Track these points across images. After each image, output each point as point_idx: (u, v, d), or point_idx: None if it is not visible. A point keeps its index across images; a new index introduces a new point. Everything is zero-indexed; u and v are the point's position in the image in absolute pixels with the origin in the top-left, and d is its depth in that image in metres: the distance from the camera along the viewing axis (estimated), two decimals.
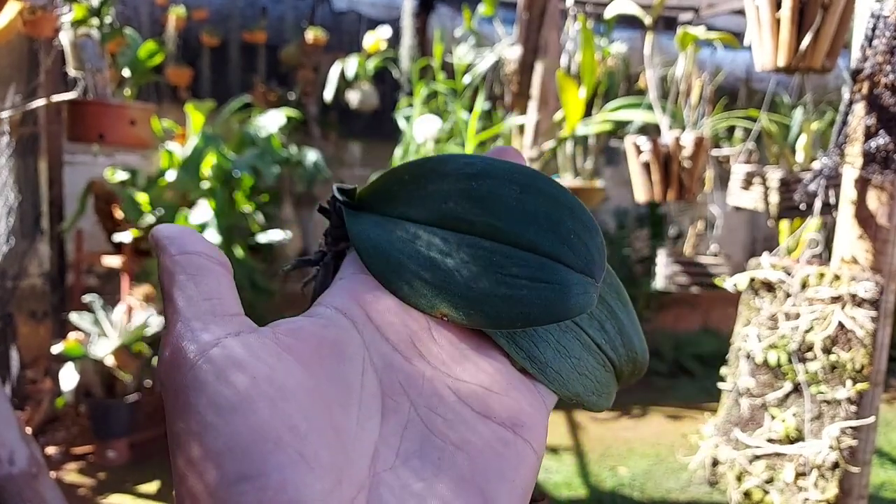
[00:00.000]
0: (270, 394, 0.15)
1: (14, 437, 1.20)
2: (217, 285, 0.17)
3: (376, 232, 0.21)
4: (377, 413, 0.17)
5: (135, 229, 2.22)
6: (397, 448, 0.16)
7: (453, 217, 0.20)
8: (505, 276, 0.19)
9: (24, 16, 1.79)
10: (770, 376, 1.03)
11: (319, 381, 0.16)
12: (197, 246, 0.18)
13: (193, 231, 0.18)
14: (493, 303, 0.19)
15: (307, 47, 3.00)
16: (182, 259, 0.17)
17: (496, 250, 0.20)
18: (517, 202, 0.20)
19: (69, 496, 1.78)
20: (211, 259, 0.18)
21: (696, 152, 1.35)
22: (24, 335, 2.49)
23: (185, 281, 0.17)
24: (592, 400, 0.22)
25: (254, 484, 0.14)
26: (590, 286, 0.20)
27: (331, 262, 0.23)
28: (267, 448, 0.14)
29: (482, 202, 0.20)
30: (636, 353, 0.24)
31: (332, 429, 0.15)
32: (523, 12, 1.84)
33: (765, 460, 1.02)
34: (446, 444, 0.17)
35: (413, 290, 0.19)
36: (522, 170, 0.21)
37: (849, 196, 0.96)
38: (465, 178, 0.21)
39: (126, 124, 1.84)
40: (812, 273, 0.99)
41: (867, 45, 0.91)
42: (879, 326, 0.93)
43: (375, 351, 0.18)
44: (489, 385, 0.18)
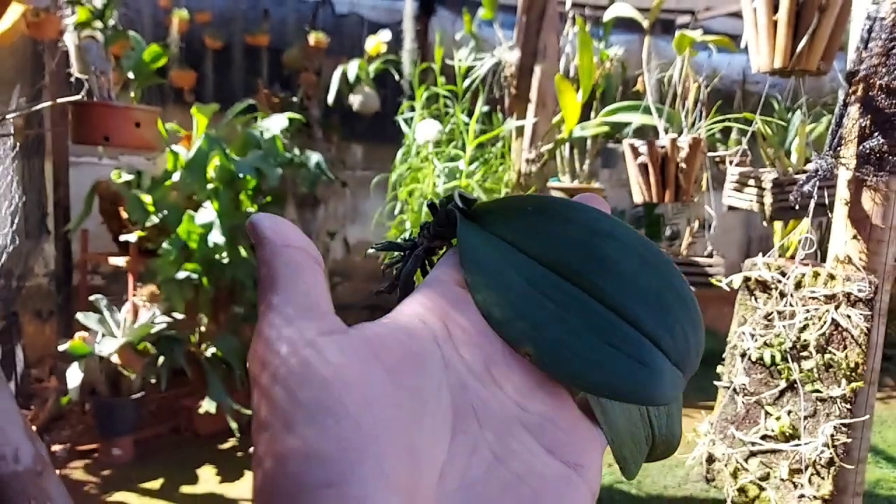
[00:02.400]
0: (359, 401, 0.14)
1: (19, 435, 1.21)
2: (314, 281, 0.17)
3: (485, 247, 0.21)
4: (448, 433, 0.16)
5: (140, 230, 2.24)
6: (463, 471, 0.16)
7: (568, 265, 0.20)
8: (601, 341, 0.19)
9: (28, 18, 1.81)
10: (765, 375, 1.05)
11: (401, 394, 0.16)
12: (298, 240, 0.17)
13: (292, 224, 0.18)
14: (582, 363, 0.19)
15: (309, 50, 3.02)
16: (284, 252, 0.17)
17: (600, 313, 0.19)
18: (633, 273, 0.20)
19: (74, 494, 1.79)
20: (308, 255, 0.17)
21: (692, 154, 1.37)
22: (30, 334, 2.51)
23: (285, 273, 0.16)
24: (630, 467, 0.22)
25: (336, 491, 0.13)
26: (679, 380, 0.20)
27: (422, 254, 0.23)
28: (352, 458, 0.14)
29: (601, 261, 0.20)
30: (673, 437, 0.24)
31: (409, 444, 0.15)
32: (522, 16, 1.86)
33: (760, 457, 1.03)
34: (511, 473, 0.17)
35: (506, 318, 0.19)
36: (647, 244, 0.20)
37: (843, 197, 0.97)
38: (590, 233, 0.20)
39: (131, 126, 1.86)
40: (807, 273, 1.00)
41: (863, 47, 0.92)
42: (873, 325, 0.94)
43: (452, 369, 0.17)
44: (556, 420, 0.18)
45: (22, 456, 1.19)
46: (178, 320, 2.15)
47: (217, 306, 2.38)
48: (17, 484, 1.18)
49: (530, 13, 1.83)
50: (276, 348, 0.15)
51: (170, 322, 2.09)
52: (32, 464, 1.20)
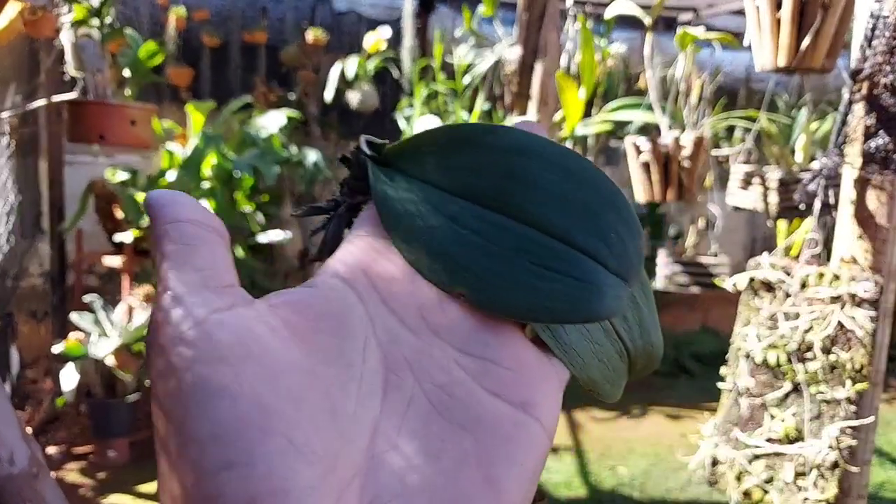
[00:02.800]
0: (261, 376, 0.14)
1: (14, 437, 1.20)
2: (210, 255, 0.16)
3: (401, 193, 0.20)
4: (379, 390, 0.16)
5: (135, 229, 2.22)
6: (399, 427, 0.16)
7: (488, 193, 0.19)
8: (535, 266, 0.18)
9: (24, 16, 1.79)
10: (769, 376, 1.03)
11: (316, 360, 0.15)
12: (191, 213, 0.16)
13: (187, 196, 0.17)
14: (518, 291, 0.18)
15: (307, 48, 3.00)
16: (173, 227, 0.16)
17: (529, 236, 0.19)
18: (559, 189, 0.19)
19: (70, 496, 1.78)
20: (204, 227, 0.16)
21: (695, 152, 1.36)
22: (25, 335, 2.49)
23: (175, 251, 0.16)
24: (606, 388, 0.21)
25: (239, 472, 0.13)
26: (622, 290, 0.19)
27: (345, 213, 0.22)
28: (254, 435, 0.13)
29: (522, 182, 0.19)
30: (652, 345, 0.23)
31: (328, 411, 0.14)
32: (523, 13, 1.84)
33: (764, 460, 1.02)
34: (452, 423, 0.16)
35: (433, 262, 0.18)
36: (571, 155, 0.19)
37: (848, 196, 0.96)
38: (506, 153, 0.19)
39: (126, 125, 1.85)
40: (811, 273, 0.99)
41: (867, 45, 0.91)
42: (879, 326, 0.93)
43: (380, 324, 0.17)
44: (501, 360, 0.17)
45: (17, 458, 1.18)
46: None
47: None
48: (12, 486, 1.17)
49: (531, 10, 1.82)
50: (167, 330, 0.14)
51: None
52: (27, 466, 1.19)
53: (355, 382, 0.15)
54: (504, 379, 0.17)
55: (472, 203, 0.19)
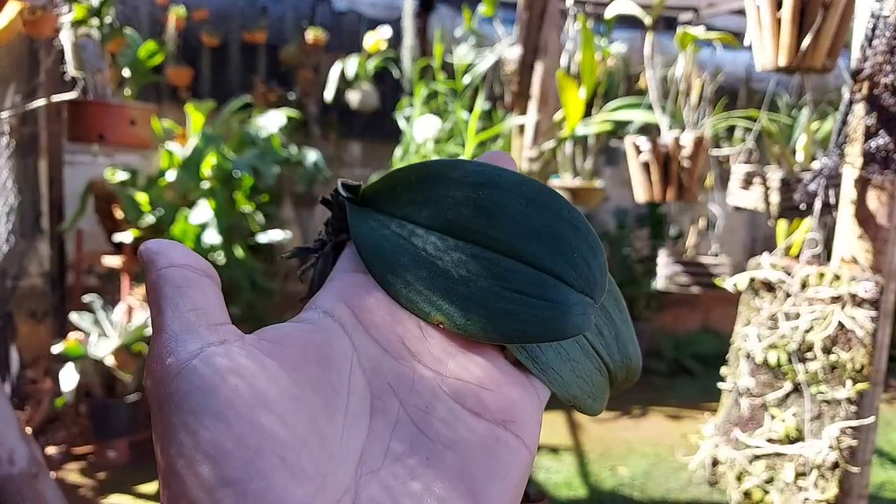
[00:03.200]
0: (252, 401, 0.15)
1: (14, 437, 1.20)
2: (202, 296, 0.17)
3: (378, 231, 0.21)
4: (365, 415, 0.17)
5: (135, 229, 2.22)
6: (385, 449, 0.16)
7: (459, 225, 0.20)
8: (505, 290, 0.19)
9: (24, 16, 1.79)
10: (770, 376, 1.03)
11: (304, 387, 0.16)
12: (182, 258, 0.18)
13: (178, 244, 0.18)
14: (492, 316, 0.19)
15: (307, 47, 3.00)
16: (167, 272, 0.17)
17: (499, 263, 0.20)
18: (522, 216, 0.20)
19: (69, 496, 1.77)
20: (196, 271, 0.18)
21: (695, 152, 1.35)
22: (24, 335, 2.49)
23: (170, 293, 0.17)
24: (588, 403, 0.22)
25: (234, 489, 0.14)
26: (589, 307, 0.20)
27: (330, 252, 0.23)
28: (248, 455, 0.14)
29: (488, 213, 0.20)
30: (630, 359, 0.24)
31: (316, 435, 0.15)
32: (523, 12, 1.84)
33: (765, 460, 1.02)
34: (436, 443, 0.17)
35: (411, 293, 0.19)
36: (529, 182, 0.21)
37: (849, 196, 0.96)
38: (472, 186, 0.21)
39: (126, 124, 1.84)
40: (812, 273, 0.99)
41: (867, 45, 0.91)
42: (879, 326, 0.92)
43: (364, 353, 0.18)
44: (481, 381, 0.18)
45: (17, 458, 1.17)
46: None
47: None
48: (12, 486, 1.17)
49: (531, 9, 1.82)
50: (165, 364, 0.16)
51: None
52: (27, 466, 1.18)
53: (342, 408, 0.16)
54: (485, 399, 0.18)
55: (445, 235, 0.20)
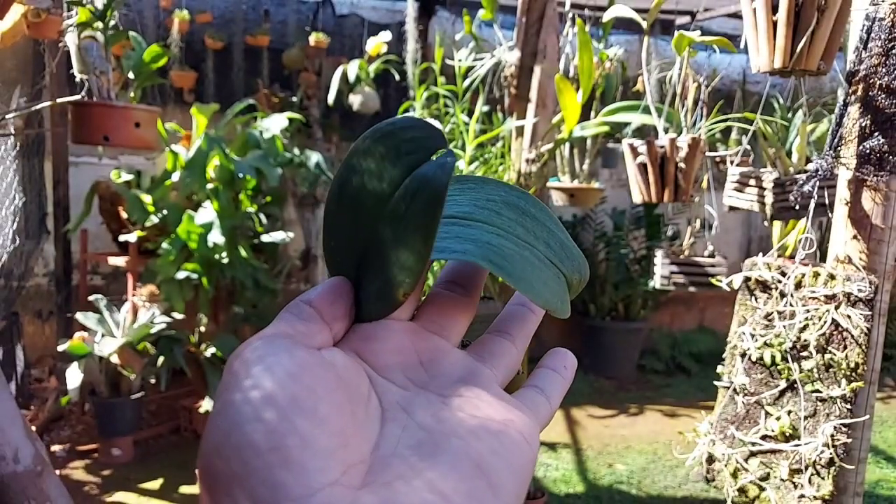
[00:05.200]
0: (309, 387, 0.19)
1: (19, 435, 1.21)
2: (309, 330, 0.22)
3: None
4: (378, 420, 0.21)
5: (140, 230, 2.24)
6: (396, 443, 0.20)
7: (359, 231, 0.24)
8: (402, 221, 0.23)
9: (29, 19, 1.81)
10: (765, 374, 1.05)
11: (341, 389, 0.20)
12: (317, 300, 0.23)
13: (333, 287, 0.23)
14: (413, 246, 0.22)
15: (310, 51, 3.02)
16: (297, 304, 0.23)
17: (387, 214, 0.23)
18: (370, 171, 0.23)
19: (74, 494, 1.79)
20: (322, 314, 0.23)
21: (691, 154, 1.37)
22: (30, 334, 2.50)
23: (286, 316, 0.22)
24: (558, 305, 0.25)
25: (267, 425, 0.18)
26: (444, 155, 0.23)
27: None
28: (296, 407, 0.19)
29: (357, 200, 0.23)
30: (579, 263, 0.28)
31: (348, 412, 0.20)
32: (522, 17, 1.86)
33: (760, 457, 1.03)
34: (441, 434, 0.20)
35: (382, 302, 0.23)
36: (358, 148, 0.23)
37: (843, 197, 0.97)
38: (339, 201, 0.24)
39: (131, 126, 1.86)
40: (807, 273, 1.00)
41: (862, 47, 0.92)
42: (874, 325, 0.94)
43: (377, 382, 0.22)
44: (479, 396, 0.22)
45: (22, 456, 1.19)
46: (177, 320, 2.15)
47: (217, 306, 2.38)
48: (17, 484, 1.18)
49: (530, 14, 1.83)
50: (243, 357, 0.20)
51: (169, 322, 2.09)
52: (32, 464, 1.20)
53: (363, 407, 0.21)
54: (484, 408, 0.21)
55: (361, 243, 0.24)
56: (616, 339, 3.25)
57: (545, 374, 0.26)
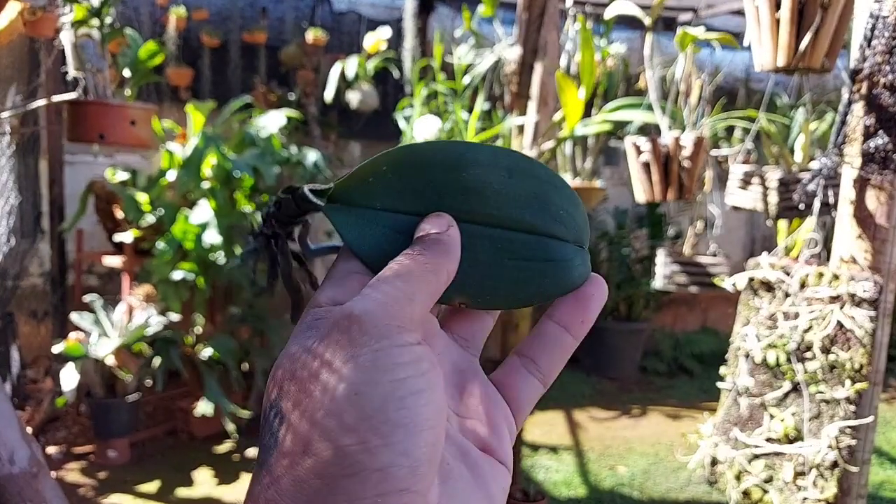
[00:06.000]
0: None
1: (14, 437, 1.20)
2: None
3: (368, 228, 0.21)
4: None
5: (135, 229, 2.22)
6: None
7: (451, 209, 0.21)
8: (513, 260, 0.21)
9: (24, 16, 1.79)
10: (769, 376, 1.03)
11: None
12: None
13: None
14: (508, 287, 0.21)
15: (307, 48, 3.00)
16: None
17: (500, 237, 0.21)
18: (508, 187, 0.21)
19: (70, 496, 1.78)
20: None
21: (695, 152, 1.36)
22: (25, 335, 2.49)
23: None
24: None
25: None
26: (585, 255, 0.22)
27: (284, 245, 0.24)
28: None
29: (477, 192, 0.21)
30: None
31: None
32: (523, 13, 1.84)
33: (764, 459, 1.02)
34: (455, 461, 0.21)
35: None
36: (504, 153, 0.22)
37: (847, 196, 0.95)
38: (452, 169, 0.21)
39: (126, 124, 1.84)
40: (811, 273, 0.99)
41: (866, 45, 0.91)
42: (878, 326, 0.92)
43: None
44: (477, 413, 0.22)
45: (17, 458, 1.17)
46: (173, 321, 2.13)
47: (213, 307, 2.36)
48: (13, 486, 1.17)
49: (531, 10, 1.82)
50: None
51: (165, 323, 2.08)
52: (28, 466, 1.19)
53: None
54: (468, 427, 0.22)
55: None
56: (618, 340, 3.24)
57: (550, 341, 0.23)
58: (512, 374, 0.23)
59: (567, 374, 3.23)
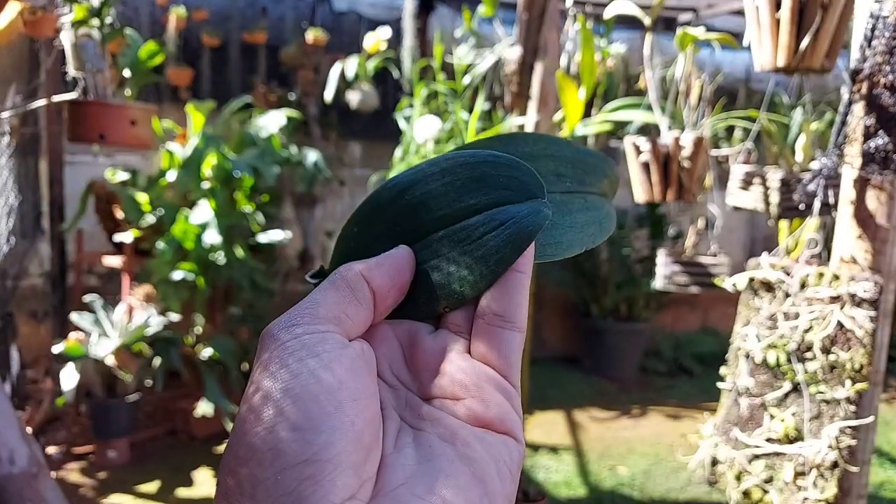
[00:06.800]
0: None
1: (15, 437, 1.20)
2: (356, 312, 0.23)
3: None
4: (381, 426, 0.21)
5: (135, 229, 2.22)
6: (393, 448, 0.21)
7: (412, 231, 0.24)
8: (473, 243, 0.23)
9: (24, 16, 1.79)
10: (769, 376, 1.03)
11: (375, 397, 0.21)
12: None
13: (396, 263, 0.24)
14: (479, 270, 0.23)
15: (307, 48, 3.00)
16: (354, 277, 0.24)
17: (456, 230, 0.23)
18: (446, 186, 0.24)
19: (70, 496, 1.78)
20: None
21: (695, 152, 1.36)
22: (25, 335, 2.49)
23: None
24: (594, 240, 0.27)
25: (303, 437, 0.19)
26: (540, 204, 0.24)
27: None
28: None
29: (422, 204, 0.24)
30: (600, 168, 0.29)
31: (378, 427, 0.21)
32: (523, 13, 1.84)
33: (764, 460, 1.02)
34: (440, 444, 0.21)
35: (416, 302, 0.24)
36: (437, 160, 0.24)
37: (848, 196, 0.96)
38: (398, 196, 0.24)
39: (126, 124, 1.84)
40: (811, 273, 0.99)
41: (866, 45, 0.91)
42: (878, 326, 0.92)
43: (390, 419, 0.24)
44: (466, 390, 0.22)
45: (17, 458, 1.17)
46: (173, 321, 2.13)
47: (213, 307, 2.36)
48: (13, 486, 1.17)
49: (531, 10, 1.82)
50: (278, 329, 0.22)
51: (165, 323, 2.08)
52: (28, 466, 1.19)
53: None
54: (462, 408, 0.22)
55: (410, 245, 0.24)
56: (618, 340, 3.23)
57: (501, 285, 0.24)
58: (481, 337, 0.23)
59: (567, 374, 3.22)
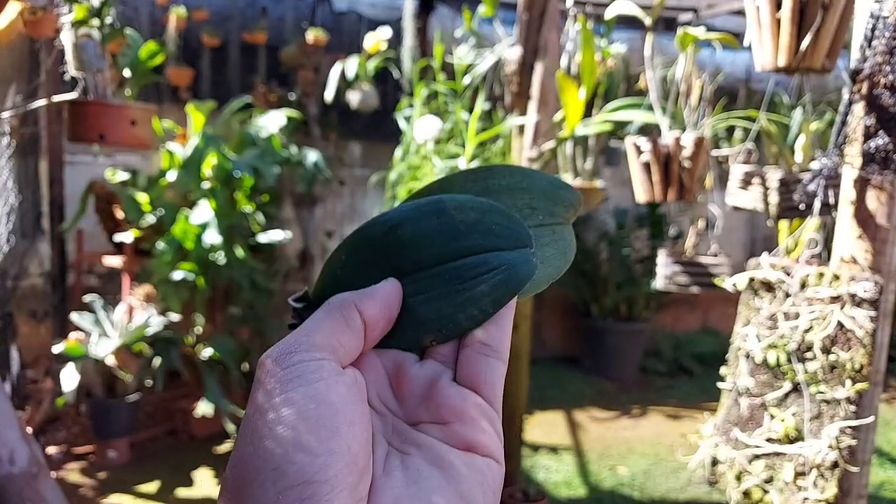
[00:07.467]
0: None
1: (15, 437, 1.20)
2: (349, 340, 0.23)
3: None
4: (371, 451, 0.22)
5: (135, 229, 2.22)
6: (382, 471, 0.22)
7: (403, 266, 0.24)
8: (465, 284, 0.24)
9: (24, 16, 1.79)
10: (769, 376, 1.03)
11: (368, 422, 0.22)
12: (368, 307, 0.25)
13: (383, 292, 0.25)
14: (467, 308, 0.24)
15: (307, 48, 3.00)
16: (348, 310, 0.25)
17: (447, 269, 0.24)
18: (439, 226, 0.24)
19: (70, 496, 1.78)
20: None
21: (695, 152, 1.36)
22: (25, 335, 2.49)
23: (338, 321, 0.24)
24: (559, 271, 0.27)
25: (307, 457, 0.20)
26: (527, 254, 0.25)
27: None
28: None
29: (413, 242, 0.24)
30: (563, 195, 0.29)
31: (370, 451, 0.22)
32: (523, 13, 1.84)
33: (764, 460, 1.02)
34: (427, 467, 0.22)
35: (404, 339, 0.24)
36: (429, 202, 0.25)
37: (848, 196, 0.96)
38: (390, 232, 0.24)
39: (127, 124, 1.84)
40: (811, 273, 0.99)
41: (866, 45, 0.91)
42: (878, 326, 0.92)
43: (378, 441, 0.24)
44: (453, 414, 0.23)
45: (17, 458, 1.17)
46: (173, 321, 2.13)
47: (213, 307, 2.36)
48: (13, 486, 1.17)
49: (531, 10, 1.82)
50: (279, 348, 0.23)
51: (165, 323, 2.08)
52: (28, 466, 1.19)
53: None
54: (448, 432, 0.23)
55: (399, 279, 0.24)
56: (618, 341, 3.23)
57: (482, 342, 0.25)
58: (468, 365, 0.24)
59: (567, 374, 3.22)
